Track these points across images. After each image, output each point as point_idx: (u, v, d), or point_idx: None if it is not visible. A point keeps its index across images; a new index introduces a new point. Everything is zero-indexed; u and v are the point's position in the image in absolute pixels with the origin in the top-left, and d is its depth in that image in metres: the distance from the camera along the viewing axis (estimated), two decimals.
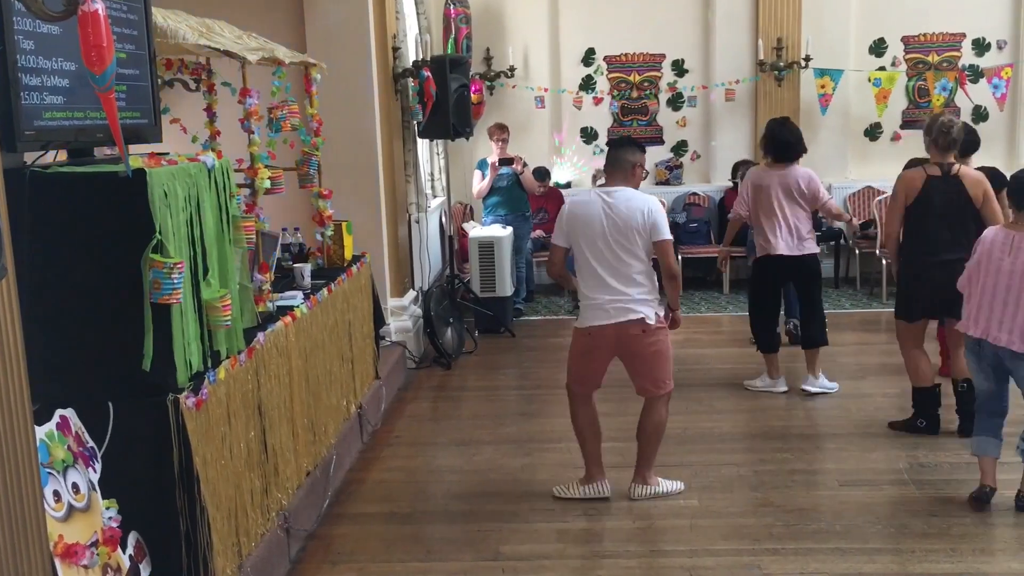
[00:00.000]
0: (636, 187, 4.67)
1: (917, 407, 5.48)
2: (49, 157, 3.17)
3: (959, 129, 5.30)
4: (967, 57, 9.85)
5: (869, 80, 9.62)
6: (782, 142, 6.26)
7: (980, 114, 9.73)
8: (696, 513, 4.55)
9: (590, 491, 4.73)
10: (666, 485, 4.76)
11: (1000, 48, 9.83)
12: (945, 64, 9.87)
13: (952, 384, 5.42)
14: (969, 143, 5.81)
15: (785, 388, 6.35)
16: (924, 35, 9.91)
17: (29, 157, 2.99)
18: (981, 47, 9.86)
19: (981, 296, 4.38)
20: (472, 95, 8.76)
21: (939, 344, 6.28)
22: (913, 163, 6.00)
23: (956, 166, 5.31)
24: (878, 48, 9.95)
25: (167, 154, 3.41)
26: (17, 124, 2.77)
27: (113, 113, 2.45)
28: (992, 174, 6.53)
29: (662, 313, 4.62)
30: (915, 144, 6.95)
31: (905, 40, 9.93)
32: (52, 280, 3.01)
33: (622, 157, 4.67)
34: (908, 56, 9.96)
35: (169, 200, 3.07)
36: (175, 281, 3.02)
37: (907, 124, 9.90)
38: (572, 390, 4.78)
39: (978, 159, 7.39)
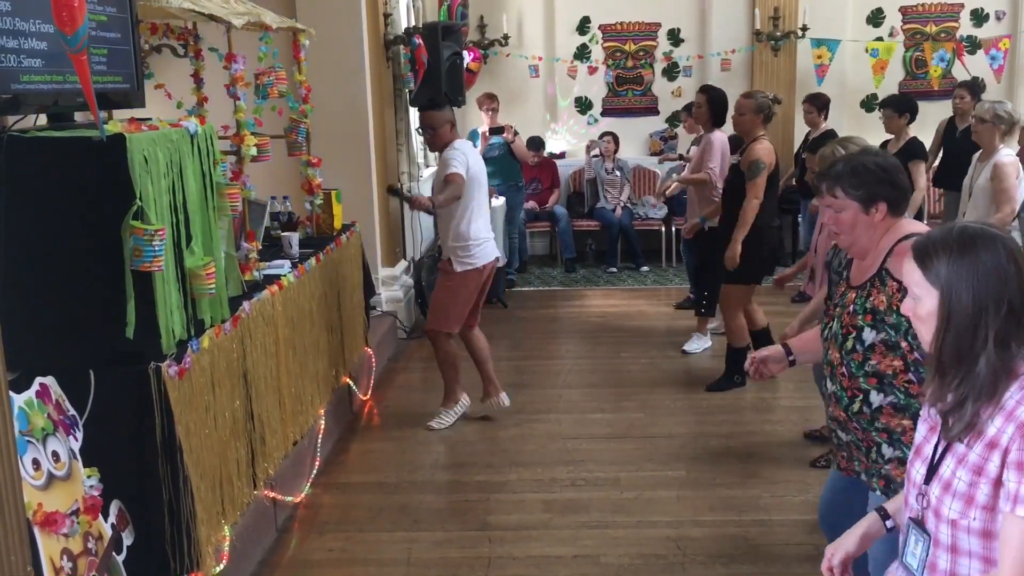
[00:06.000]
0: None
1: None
2: (29, 121, 3.12)
3: None
4: (965, 28, 9.77)
5: (866, 51, 9.55)
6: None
7: (977, 86, 9.64)
8: (683, 484, 4.55)
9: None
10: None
11: (999, 19, 9.75)
12: (943, 35, 9.80)
13: None
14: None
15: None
16: (922, 5, 9.84)
17: (9, 122, 2.94)
18: (979, 18, 9.77)
19: None
20: (471, 63, 8.67)
21: None
22: None
23: None
24: (876, 18, 9.87)
25: (148, 119, 3.35)
26: None
27: (86, 76, 2.40)
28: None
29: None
30: None
31: (903, 10, 9.86)
32: (31, 246, 2.96)
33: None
34: (906, 26, 9.88)
35: (150, 166, 3.01)
36: (156, 248, 2.97)
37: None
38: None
39: None
